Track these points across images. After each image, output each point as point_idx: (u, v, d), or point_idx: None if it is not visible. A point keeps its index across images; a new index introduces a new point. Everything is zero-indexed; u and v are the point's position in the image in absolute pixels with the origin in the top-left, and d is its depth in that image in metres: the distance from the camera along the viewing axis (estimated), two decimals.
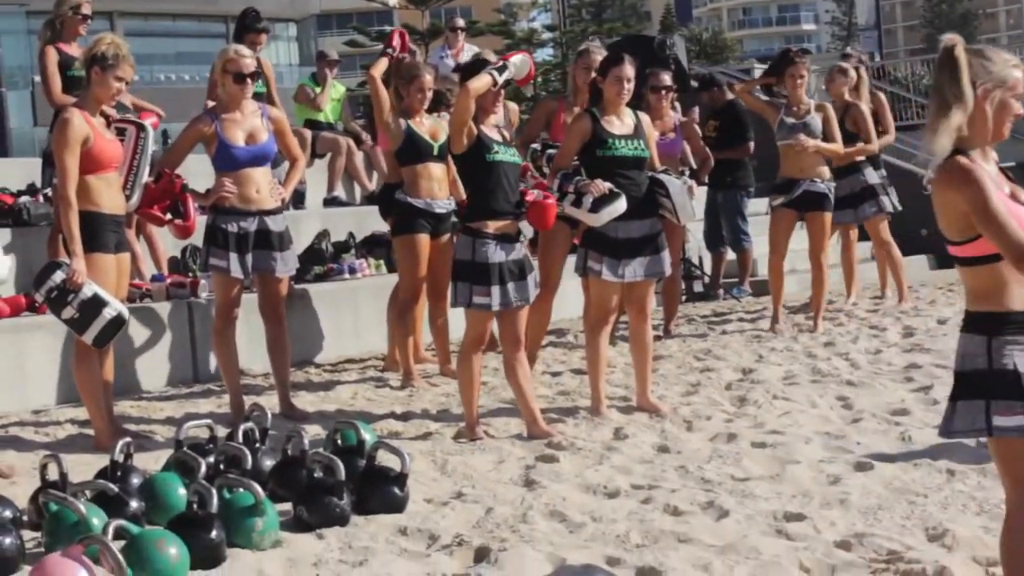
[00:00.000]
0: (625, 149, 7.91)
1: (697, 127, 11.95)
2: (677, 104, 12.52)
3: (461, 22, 15.27)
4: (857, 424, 7.63)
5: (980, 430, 4.33)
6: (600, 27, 63.98)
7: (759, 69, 18.10)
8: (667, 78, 10.88)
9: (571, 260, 8.65)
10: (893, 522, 5.82)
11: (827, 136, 10.79)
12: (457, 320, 8.00)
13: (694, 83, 14.59)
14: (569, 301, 10.54)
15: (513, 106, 10.05)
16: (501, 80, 7.41)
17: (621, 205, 7.69)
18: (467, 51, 13.71)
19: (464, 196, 8.06)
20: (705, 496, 6.25)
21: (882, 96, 12.92)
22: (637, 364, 8.18)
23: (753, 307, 12.31)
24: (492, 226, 7.38)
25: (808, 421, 7.74)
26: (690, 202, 8.02)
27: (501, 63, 7.56)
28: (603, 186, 7.69)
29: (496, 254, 7.36)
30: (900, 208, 12.25)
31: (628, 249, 7.87)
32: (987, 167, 4.31)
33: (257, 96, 9.05)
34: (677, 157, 10.69)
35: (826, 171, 10.83)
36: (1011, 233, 4.15)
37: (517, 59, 7.67)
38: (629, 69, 7.95)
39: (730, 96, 13.32)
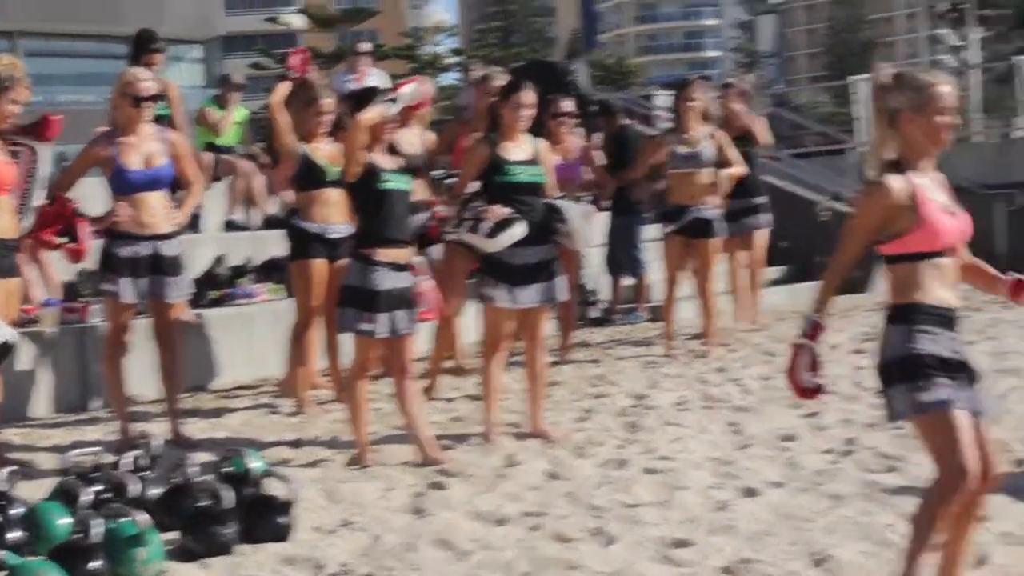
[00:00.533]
0: (523, 175, 7.95)
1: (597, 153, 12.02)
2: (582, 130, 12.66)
3: (367, 46, 15.20)
4: (746, 450, 7.69)
5: (914, 409, 4.71)
6: (506, 52, 64.33)
7: (662, 95, 18.24)
8: (569, 104, 10.94)
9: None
10: (779, 548, 5.87)
11: (724, 163, 10.87)
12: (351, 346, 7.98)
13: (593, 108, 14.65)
14: (466, 327, 10.53)
15: (430, 135, 10.00)
16: (391, 112, 7.42)
17: (519, 231, 7.72)
18: (373, 75, 13.67)
19: None
20: (594, 523, 6.28)
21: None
22: (530, 390, 8.20)
23: (648, 332, 12.36)
24: (382, 253, 7.38)
25: (698, 447, 7.80)
26: (587, 227, 8.07)
27: (392, 95, 7.55)
28: (501, 212, 7.72)
29: (385, 281, 7.36)
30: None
31: (524, 275, 7.90)
32: (922, 179, 4.78)
33: (161, 119, 8.98)
34: (577, 183, 10.74)
35: (715, 198, 10.88)
36: (844, 250, 4.83)
37: (408, 89, 7.67)
38: (529, 96, 8.00)
39: (623, 121, 13.41)
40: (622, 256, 13.45)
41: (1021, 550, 5.75)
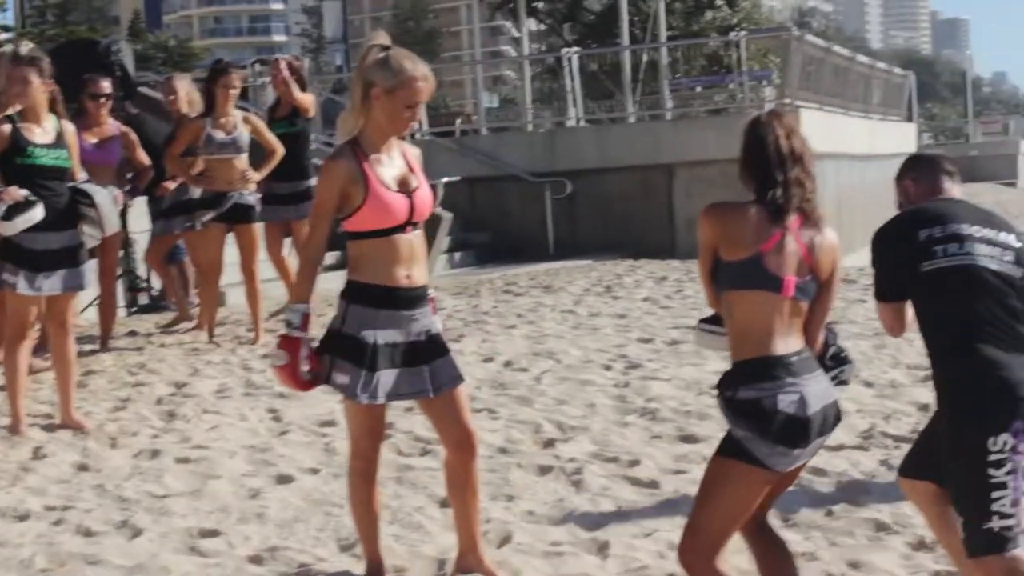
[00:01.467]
0: (46, 158, 7.62)
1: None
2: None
3: None
4: (284, 436, 7.65)
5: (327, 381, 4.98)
6: (63, 30, 62.01)
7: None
8: (106, 85, 10.58)
9: None
10: (308, 534, 5.88)
11: (263, 145, 10.73)
12: None
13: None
14: None
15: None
16: None
17: (37, 213, 7.40)
18: None
19: None
20: (121, 515, 6.12)
21: None
22: (60, 380, 7.88)
23: (197, 319, 12.11)
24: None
25: (235, 435, 7.70)
26: (115, 212, 7.81)
27: None
28: (17, 193, 7.38)
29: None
30: None
31: (47, 262, 7.58)
32: (379, 155, 4.88)
33: None
34: (114, 166, 10.38)
35: (252, 184, 10.68)
36: (313, 232, 4.93)
37: None
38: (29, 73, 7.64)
39: (132, 110, 12.91)
40: None
41: (542, 528, 5.94)
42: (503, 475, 6.74)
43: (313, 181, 12.19)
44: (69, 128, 7.90)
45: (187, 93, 11.26)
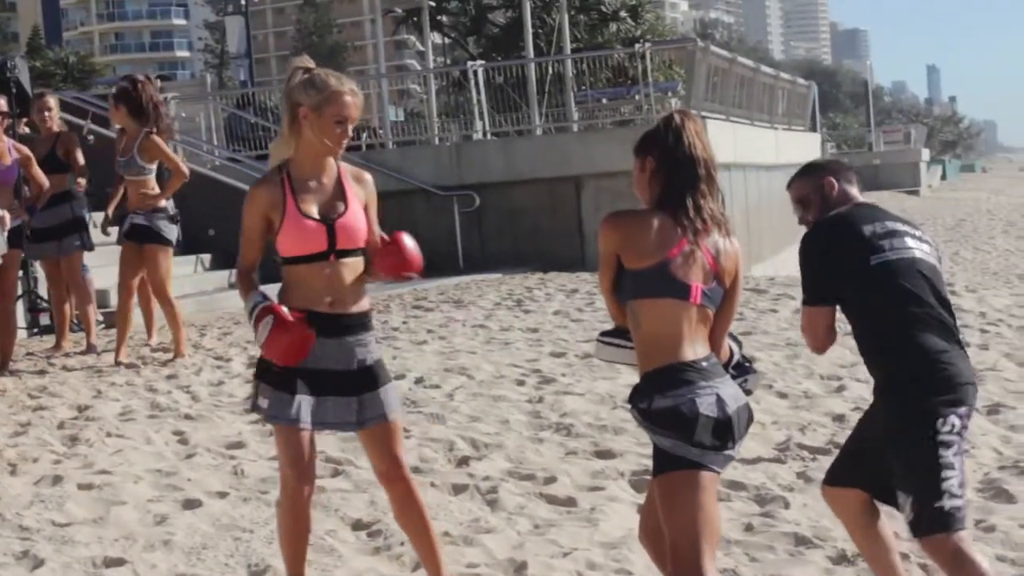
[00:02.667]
0: None
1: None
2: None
3: None
4: (191, 459, 7.45)
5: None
6: None
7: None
8: (2, 103, 10.34)
9: None
10: (217, 561, 5.72)
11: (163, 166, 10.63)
12: None
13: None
14: None
15: None
16: None
17: None
18: None
19: None
20: (21, 545, 5.89)
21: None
22: None
23: (102, 339, 11.83)
24: None
25: (141, 459, 7.48)
26: (2, 235, 7.58)
27: None
28: None
29: None
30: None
31: None
32: (308, 180, 4.76)
33: None
34: (11, 185, 10.12)
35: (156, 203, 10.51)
36: (243, 253, 4.81)
37: None
38: None
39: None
40: None
41: (458, 549, 5.81)
42: None
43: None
44: None
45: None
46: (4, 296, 10.31)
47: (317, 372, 4.75)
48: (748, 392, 4.30)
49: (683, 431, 3.99)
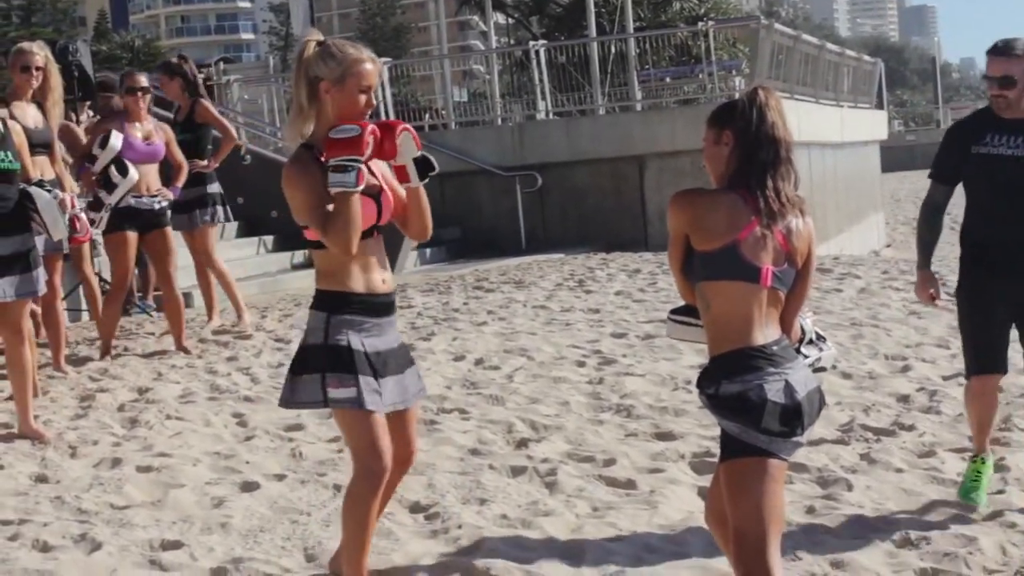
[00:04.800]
0: None
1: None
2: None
3: None
4: (249, 442, 7.44)
5: (318, 401, 4.69)
6: (28, 31, 61.58)
7: None
8: (142, 78, 10.41)
9: None
10: (273, 544, 5.69)
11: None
12: None
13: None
14: None
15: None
16: None
17: None
18: None
19: None
20: (79, 528, 5.88)
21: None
22: (16, 388, 7.62)
23: (161, 323, 11.87)
24: None
25: (199, 441, 7.48)
26: (62, 216, 7.56)
27: None
28: None
29: None
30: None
31: None
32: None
33: None
34: (157, 163, 10.22)
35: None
36: (327, 226, 4.53)
37: None
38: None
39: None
40: None
41: (515, 532, 5.75)
42: (475, 477, 6.54)
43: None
44: (16, 128, 7.66)
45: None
46: (117, 287, 10.26)
47: (377, 354, 4.68)
48: (822, 370, 4.20)
49: (750, 417, 3.91)
